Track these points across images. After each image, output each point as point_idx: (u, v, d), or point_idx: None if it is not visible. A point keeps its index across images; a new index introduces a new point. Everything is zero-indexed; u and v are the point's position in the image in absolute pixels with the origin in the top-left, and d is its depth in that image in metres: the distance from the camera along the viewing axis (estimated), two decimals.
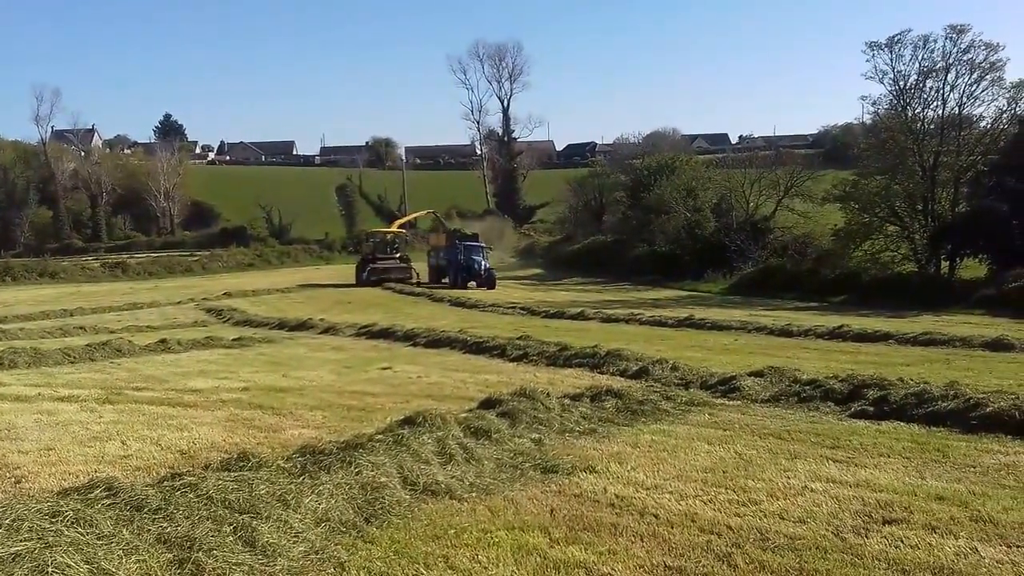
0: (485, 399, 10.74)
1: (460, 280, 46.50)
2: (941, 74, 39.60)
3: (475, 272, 46.97)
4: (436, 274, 50.56)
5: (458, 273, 47.10)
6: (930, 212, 39.52)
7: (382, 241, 54.89)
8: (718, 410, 11.24)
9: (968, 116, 40.52)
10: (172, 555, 5.43)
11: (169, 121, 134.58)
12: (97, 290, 51.18)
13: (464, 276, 46.74)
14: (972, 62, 38.92)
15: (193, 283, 56.48)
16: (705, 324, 24.96)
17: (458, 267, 47.47)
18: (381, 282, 48.80)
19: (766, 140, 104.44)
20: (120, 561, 5.20)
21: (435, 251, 52.66)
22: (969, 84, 39.30)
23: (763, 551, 5.96)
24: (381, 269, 50.69)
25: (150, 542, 5.52)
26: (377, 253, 52.92)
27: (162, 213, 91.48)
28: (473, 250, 48.41)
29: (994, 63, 38.77)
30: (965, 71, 39.17)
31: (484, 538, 6.26)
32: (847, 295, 36.43)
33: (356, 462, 7.33)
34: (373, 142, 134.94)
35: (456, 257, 48.04)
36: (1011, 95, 39.37)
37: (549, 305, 34.64)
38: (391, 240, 55.02)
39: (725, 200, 53.13)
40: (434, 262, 51.55)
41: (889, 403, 10.75)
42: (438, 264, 50.81)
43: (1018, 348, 18.21)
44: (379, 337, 23.31)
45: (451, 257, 48.81)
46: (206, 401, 12.76)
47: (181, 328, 28.21)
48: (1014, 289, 30.54)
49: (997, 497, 7.04)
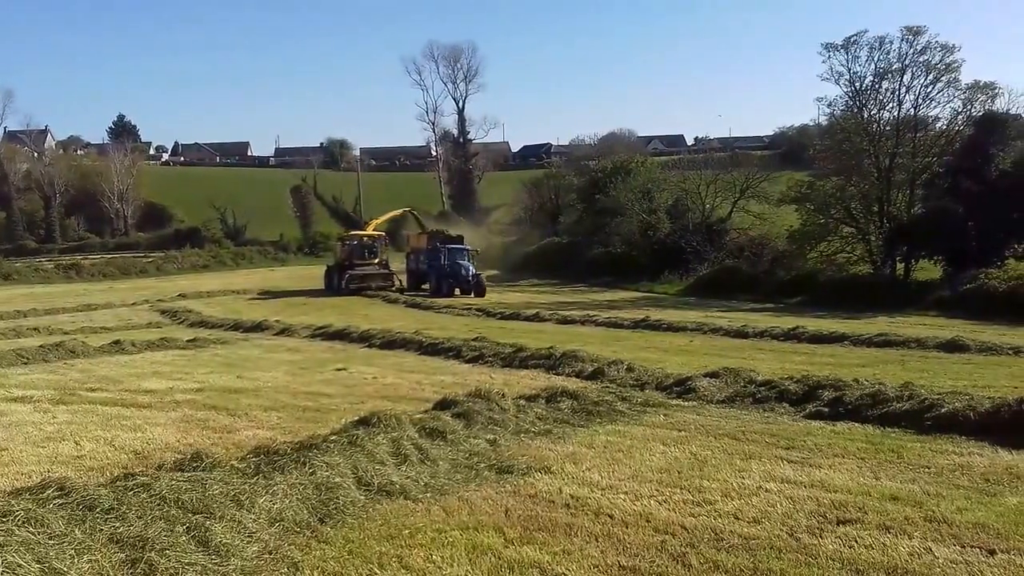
0: (440, 400, 10.74)
1: (445, 288, 41.87)
2: (897, 75, 40.01)
3: (462, 278, 42.30)
4: (415, 279, 45.95)
5: (442, 279, 42.50)
6: (885, 213, 39.93)
7: (359, 244, 48.59)
8: (673, 411, 11.31)
9: (924, 117, 40.95)
10: (124, 555, 5.40)
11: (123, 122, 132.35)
12: (51, 291, 50.24)
13: (450, 283, 42.18)
14: (928, 63, 39.32)
15: (147, 284, 55.71)
16: (661, 325, 25.09)
17: (442, 273, 42.79)
18: (361, 290, 43.90)
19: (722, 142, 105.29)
20: (72, 561, 5.17)
21: (414, 254, 47.64)
22: (925, 85, 39.73)
23: (718, 551, 6.01)
24: (360, 276, 45.46)
25: (102, 542, 5.48)
26: (354, 258, 47.15)
27: (116, 214, 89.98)
28: (458, 253, 43.76)
29: (949, 64, 39.20)
30: (921, 72, 39.58)
31: (439, 538, 6.25)
32: (803, 296, 36.80)
33: (311, 462, 7.31)
34: (328, 143, 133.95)
35: (438, 261, 43.22)
36: (966, 96, 39.82)
37: (505, 306, 34.65)
38: (369, 243, 48.74)
39: (681, 202, 53.49)
40: (413, 266, 46.98)
41: (844, 404, 10.90)
42: (417, 268, 46.10)
43: (972, 349, 18.50)
44: (334, 338, 23.16)
45: (432, 261, 43.93)
46: (160, 402, 12.66)
47: (135, 329, 27.85)
48: (968, 291, 31.04)
49: (951, 497, 7.15)
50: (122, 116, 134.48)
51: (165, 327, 29.22)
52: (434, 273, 43.37)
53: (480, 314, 32.13)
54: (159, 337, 23.32)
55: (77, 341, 21.17)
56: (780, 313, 31.11)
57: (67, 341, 21.07)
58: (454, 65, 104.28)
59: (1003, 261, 33.46)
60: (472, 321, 29.73)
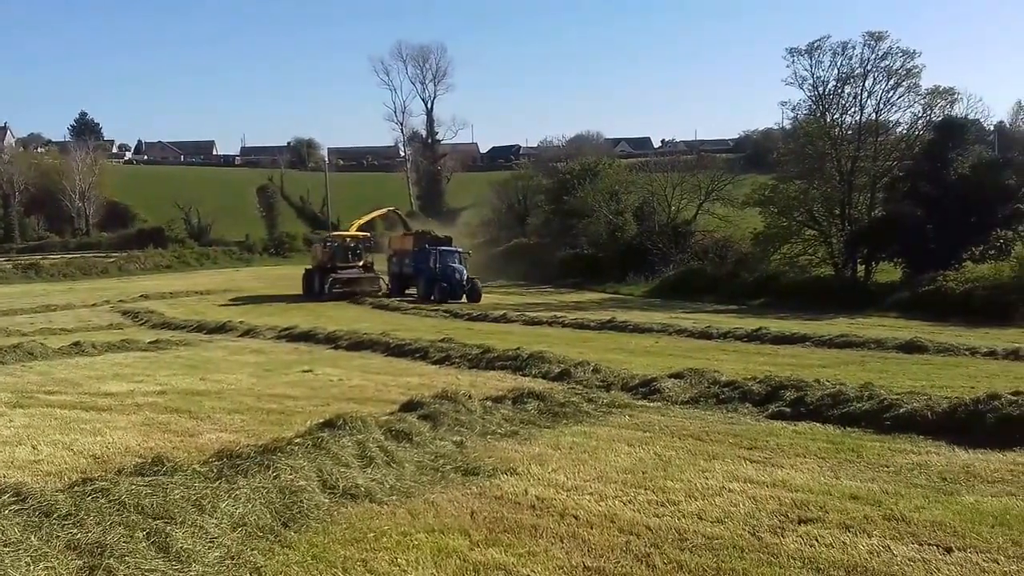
0: (407, 402, 10.70)
1: (438, 293, 38.87)
2: (859, 80, 40.44)
3: (456, 283, 39.37)
4: (399, 284, 43.23)
5: (432, 284, 39.57)
6: (847, 216, 40.38)
7: (342, 246, 45.13)
8: (638, 412, 11.37)
9: (885, 122, 41.47)
10: (82, 562, 5.32)
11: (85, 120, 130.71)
12: (9, 292, 49.47)
13: (444, 288, 38.98)
14: (889, 69, 39.81)
15: (109, 285, 55.00)
16: (627, 327, 25.22)
17: (431, 277, 39.84)
18: (347, 296, 41.12)
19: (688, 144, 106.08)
20: (28, 568, 5.09)
21: (397, 256, 44.41)
22: (886, 90, 40.23)
23: (681, 551, 6.05)
24: (345, 280, 42.35)
25: (59, 549, 5.40)
26: (337, 260, 43.76)
27: (77, 214, 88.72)
28: (449, 256, 40.89)
29: (910, 70, 39.74)
30: (882, 77, 40.06)
31: (404, 541, 6.24)
32: (766, 298, 37.20)
33: (274, 466, 7.24)
34: (295, 143, 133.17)
35: (427, 265, 40.22)
36: (926, 102, 40.38)
37: (472, 308, 34.68)
38: (353, 245, 45.41)
39: (647, 204, 53.76)
40: (397, 269, 43.84)
41: (806, 404, 11.03)
42: (402, 272, 43.27)
43: (930, 350, 18.81)
44: (300, 340, 23.04)
45: (420, 265, 41.08)
46: (121, 405, 12.50)
47: (96, 331, 27.52)
48: (927, 292, 31.54)
49: (909, 496, 7.27)
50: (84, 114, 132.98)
51: (127, 328, 28.94)
52: (423, 277, 40.62)
53: (447, 315, 32.16)
54: (120, 339, 23.06)
55: (36, 343, 20.97)
56: (744, 314, 31.38)
57: (25, 343, 20.84)
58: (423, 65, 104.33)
59: (961, 264, 34.01)
60: (439, 322, 29.72)
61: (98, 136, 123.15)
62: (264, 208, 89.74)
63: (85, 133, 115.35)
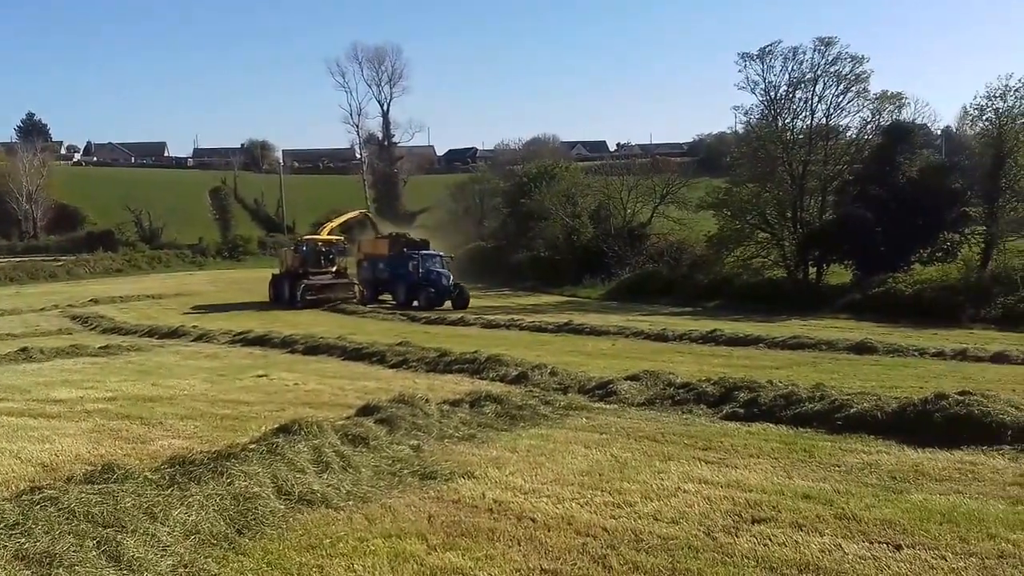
0: (363, 406, 10.65)
1: (423, 299, 37.29)
2: (810, 85, 41.02)
3: (443, 288, 37.88)
4: (373, 289, 41.42)
5: (415, 290, 38.14)
6: (799, 219, 40.89)
7: (313, 250, 42.75)
8: (595, 414, 11.43)
9: (835, 126, 42.02)
10: (30, 572, 5.24)
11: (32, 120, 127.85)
12: None
13: (431, 294, 37.45)
14: (839, 74, 40.45)
15: (57, 289, 54.07)
16: (584, 329, 25.35)
17: (413, 282, 38.43)
18: (320, 303, 39.12)
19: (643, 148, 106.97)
20: None
21: (369, 261, 42.47)
22: (836, 95, 40.83)
23: (637, 552, 6.10)
24: (319, 286, 40.35)
25: (7, 559, 5.30)
26: (308, 266, 41.56)
27: (24, 216, 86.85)
28: (431, 261, 39.53)
29: (859, 75, 40.40)
30: (832, 82, 40.67)
31: (360, 547, 6.21)
32: (720, 300, 37.57)
33: (228, 472, 7.17)
34: (249, 144, 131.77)
35: (406, 269, 38.94)
36: (875, 106, 41.10)
37: (429, 311, 34.61)
38: (325, 250, 43.18)
39: (603, 207, 54.03)
40: (369, 275, 41.95)
41: (759, 405, 11.18)
42: (375, 277, 41.48)
43: (880, 351, 19.19)
44: (255, 344, 22.82)
45: (398, 270, 39.66)
46: (70, 412, 12.28)
47: (44, 336, 27.05)
48: (878, 294, 32.16)
49: (860, 495, 7.39)
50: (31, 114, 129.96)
51: (76, 333, 28.46)
52: (403, 282, 39.13)
53: (404, 319, 32.15)
54: (69, 344, 22.70)
55: None
56: (698, 316, 31.70)
57: None
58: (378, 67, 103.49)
59: (909, 266, 34.77)
60: (397, 326, 29.65)
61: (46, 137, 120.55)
62: (217, 211, 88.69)
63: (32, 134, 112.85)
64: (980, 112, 36.79)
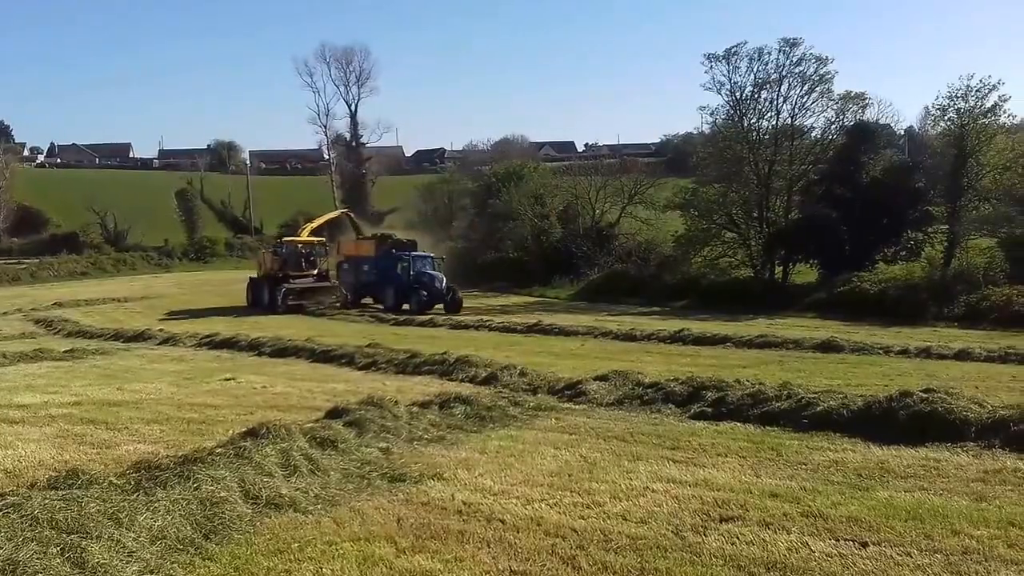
0: (332, 409, 10.60)
1: (415, 302, 35.78)
2: (775, 86, 41.46)
3: (437, 292, 36.42)
4: (356, 292, 39.55)
5: (405, 293, 36.74)
6: (765, 219, 41.30)
7: (294, 252, 40.51)
8: (564, 414, 11.47)
9: (800, 126, 42.59)
10: None
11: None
12: None
13: (424, 298, 35.85)
14: (803, 74, 40.99)
15: (20, 292, 53.19)
16: (553, 330, 25.42)
17: (403, 285, 37.01)
18: (302, 307, 37.28)
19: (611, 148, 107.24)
20: None
21: (352, 263, 40.92)
22: (800, 96, 41.37)
23: (606, 552, 6.13)
24: (300, 290, 38.33)
25: None
26: (289, 268, 39.40)
27: None
28: (422, 262, 38.34)
29: (823, 76, 40.94)
30: (797, 83, 41.19)
31: (329, 550, 6.18)
32: (688, 300, 37.81)
33: (195, 477, 7.11)
34: (216, 145, 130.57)
35: (396, 272, 37.65)
36: (839, 107, 41.66)
37: (398, 312, 34.52)
38: (307, 251, 41.02)
39: (572, 207, 54.12)
40: (352, 278, 40.22)
41: (727, 404, 11.26)
42: (358, 280, 39.88)
43: (846, 349, 19.42)
44: (222, 347, 22.60)
45: (386, 272, 38.28)
46: (34, 417, 12.11)
47: (7, 340, 26.62)
48: (843, 293, 32.56)
49: (826, 493, 7.47)
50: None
51: (40, 337, 28.04)
52: (391, 285, 37.58)
53: (373, 320, 32.09)
54: (33, 348, 22.35)
55: None
56: (666, 316, 31.87)
57: None
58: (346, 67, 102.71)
59: (874, 264, 35.16)
60: (366, 327, 29.53)
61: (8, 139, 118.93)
62: (183, 212, 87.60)
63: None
64: (942, 112, 37.32)
